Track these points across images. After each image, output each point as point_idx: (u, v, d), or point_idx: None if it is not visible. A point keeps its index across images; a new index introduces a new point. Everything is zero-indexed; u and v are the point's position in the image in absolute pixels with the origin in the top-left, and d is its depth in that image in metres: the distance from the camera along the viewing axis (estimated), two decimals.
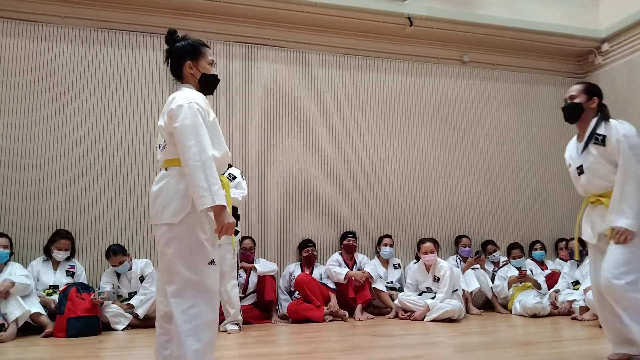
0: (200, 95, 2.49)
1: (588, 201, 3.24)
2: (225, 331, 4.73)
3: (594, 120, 3.17)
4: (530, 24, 7.07)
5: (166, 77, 2.70)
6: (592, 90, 3.26)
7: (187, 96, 2.42)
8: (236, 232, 4.91)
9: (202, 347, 2.30)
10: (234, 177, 5.03)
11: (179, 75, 2.60)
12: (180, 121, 2.33)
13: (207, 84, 2.60)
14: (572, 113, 3.25)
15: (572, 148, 3.36)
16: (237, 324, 4.81)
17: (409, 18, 6.68)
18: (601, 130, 3.10)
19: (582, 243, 6.01)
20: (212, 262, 2.37)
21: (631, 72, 7.08)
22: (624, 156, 2.97)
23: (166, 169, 2.46)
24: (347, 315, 5.50)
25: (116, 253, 5.23)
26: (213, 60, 2.63)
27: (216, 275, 2.42)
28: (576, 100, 3.24)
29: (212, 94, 2.65)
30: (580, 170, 3.22)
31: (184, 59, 2.56)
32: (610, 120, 3.13)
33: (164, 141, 2.48)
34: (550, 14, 7.22)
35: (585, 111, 3.21)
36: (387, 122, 6.90)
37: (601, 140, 3.08)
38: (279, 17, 6.49)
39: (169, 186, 2.39)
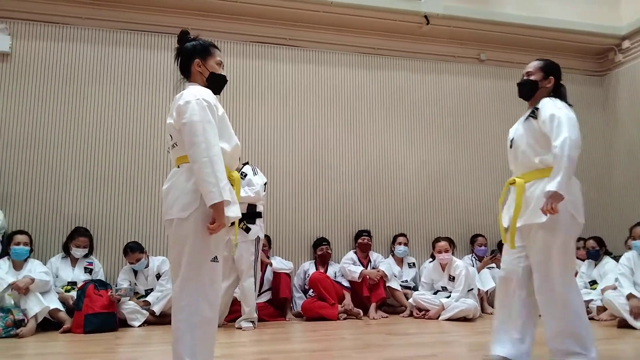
0: (208, 91, 2.51)
1: (508, 183, 3.09)
2: (240, 328, 4.76)
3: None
4: (549, 21, 6.99)
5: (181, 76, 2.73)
6: (550, 69, 3.10)
7: (195, 92, 2.44)
8: (247, 229, 4.90)
9: (197, 344, 2.30)
10: (245, 175, 5.02)
11: (187, 74, 2.64)
12: (188, 117, 2.35)
13: (215, 83, 2.62)
14: (526, 90, 3.10)
15: (515, 125, 3.19)
16: (252, 322, 4.83)
17: (425, 17, 6.65)
18: (539, 105, 2.95)
19: (600, 242, 5.96)
20: (214, 259, 2.38)
21: None
22: (554, 129, 2.82)
23: (178, 167, 2.48)
24: (362, 313, 5.50)
25: (133, 250, 5.29)
26: (221, 62, 2.67)
27: (217, 272, 2.42)
28: (532, 78, 3.09)
29: (219, 94, 2.67)
30: (511, 144, 3.10)
31: (193, 57, 2.59)
32: (551, 97, 2.97)
33: (172, 139, 2.51)
34: (569, 11, 7.12)
35: (540, 89, 3.07)
36: (403, 120, 6.88)
37: (536, 114, 2.94)
38: (296, 17, 6.51)
39: (179, 182, 2.42)
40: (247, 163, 5.23)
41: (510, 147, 3.12)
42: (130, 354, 3.78)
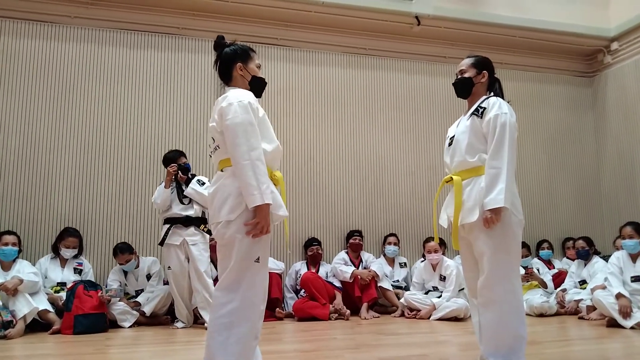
0: (250, 93, 2.54)
1: (444, 181, 3.09)
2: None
3: (484, 96, 3.01)
4: (539, 22, 7.04)
5: (177, 77, 2.72)
6: (482, 64, 3.07)
7: (238, 95, 2.46)
8: (209, 232, 4.92)
9: (233, 344, 2.30)
10: (203, 183, 5.05)
11: (227, 78, 2.64)
12: (230, 119, 2.38)
13: (257, 86, 2.65)
14: (463, 88, 3.07)
15: (455, 123, 3.16)
16: None
17: (416, 17, 6.67)
18: (484, 104, 2.93)
19: (589, 242, 6.00)
20: (257, 260, 2.39)
21: None
22: (497, 133, 2.79)
23: (221, 170, 2.50)
24: (349, 313, 5.48)
25: (123, 251, 5.26)
26: (260, 64, 2.70)
27: (261, 273, 2.43)
28: (466, 75, 3.07)
29: (261, 97, 2.68)
30: (451, 141, 3.07)
31: (235, 61, 2.61)
32: (497, 97, 2.96)
33: (215, 142, 2.54)
34: (559, 12, 7.17)
35: (476, 85, 3.04)
36: (394, 121, 6.90)
37: (480, 113, 2.91)
38: (287, 17, 6.50)
39: (224, 186, 2.43)
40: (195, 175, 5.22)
41: (450, 144, 3.07)
42: (121, 355, 3.75)
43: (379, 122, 6.83)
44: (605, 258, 5.71)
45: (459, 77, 3.10)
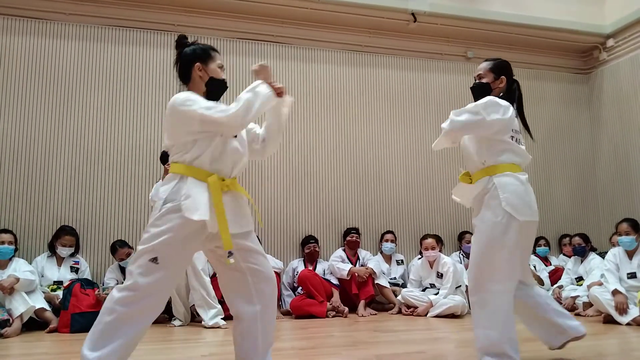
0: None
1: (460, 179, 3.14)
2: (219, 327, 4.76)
3: None
4: (535, 19, 7.04)
5: (172, 74, 2.70)
6: (500, 68, 3.08)
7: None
8: None
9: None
10: None
11: (186, 79, 2.58)
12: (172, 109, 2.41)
13: (214, 88, 2.56)
14: (480, 93, 3.07)
15: None
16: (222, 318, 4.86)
17: (412, 14, 6.67)
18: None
19: (586, 239, 6.02)
20: (153, 260, 2.34)
21: (636, 68, 7.05)
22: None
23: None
24: (347, 311, 5.49)
25: (122, 247, 5.31)
26: (222, 65, 2.61)
27: (155, 276, 2.35)
28: (484, 80, 3.08)
29: (218, 100, 2.58)
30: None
31: (194, 61, 2.54)
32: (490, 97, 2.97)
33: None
34: (555, 9, 7.18)
35: (494, 90, 3.05)
36: (390, 118, 6.89)
37: None
38: (283, 14, 6.49)
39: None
40: None
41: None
42: None
43: (375, 119, 6.83)
44: (602, 255, 5.73)
45: (477, 81, 3.10)
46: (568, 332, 2.97)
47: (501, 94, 3.06)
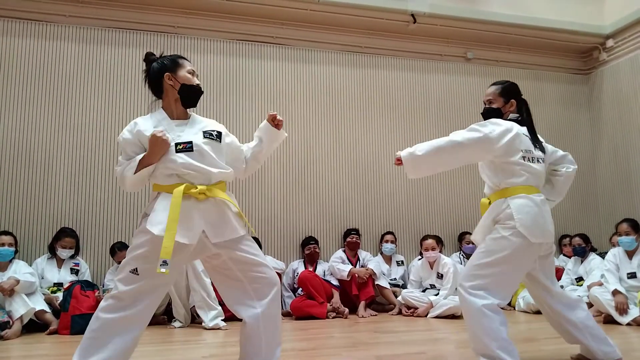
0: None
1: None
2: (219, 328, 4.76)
3: None
4: (534, 20, 7.05)
5: None
6: (509, 92, 3.10)
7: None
8: None
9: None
10: None
11: (159, 92, 2.58)
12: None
13: (188, 95, 2.54)
14: (490, 119, 3.02)
15: None
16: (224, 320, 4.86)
17: (412, 15, 6.67)
18: None
19: (586, 239, 6.02)
20: (133, 271, 2.38)
21: (636, 69, 7.05)
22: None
23: None
24: (347, 312, 5.49)
25: (122, 249, 5.28)
26: (194, 70, 2.59)
27: (137, 286, 2.38)
28: (494, 106, 3.09)
29: (195, 106, 2.59)
30: None
31: (162, 72, 2.53)
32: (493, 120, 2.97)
33: None
34: (554, 10, 7.18)
35: (505, 115, 3.06)
36: (390, 119, 6.90)
37: None
38: (283, 15, 6.49)
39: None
40: None
41: None
42: None
43: (375, 120, 6.83)
44: (602, 255, 5.73)
45: (487, 107, 3.10)
46: (599, 356, 2.97)
47: (518, 118, 3.07)
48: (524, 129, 2.99)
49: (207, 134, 2.51)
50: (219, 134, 2.56)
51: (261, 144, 2.75)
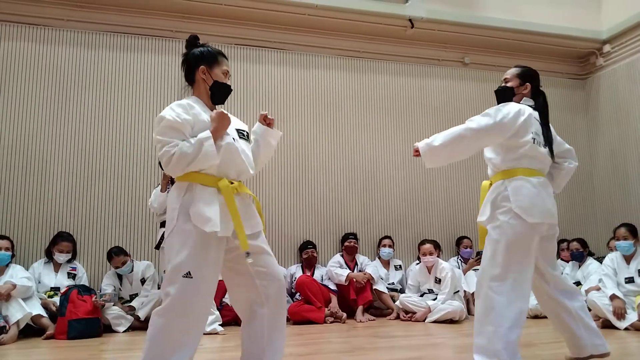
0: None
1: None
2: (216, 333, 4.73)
3: None
4: (532, 25, 7.07)
5: (170, 80, 2.70)
6: (526, 75, 3.14)
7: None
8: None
9: None
10: None
11: (191, 80, 2.56)
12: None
13: (218, 92, 2.52)
14: (503, 97, 3.11)
15: None
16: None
17: (410, 20, 6.69)
18: None
19: (583, 244, 6.02)
20: (187, 275, 2.32)
21: (633, 74, 7.07)
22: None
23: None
24: (345, 316, 5.49)
25: (118, 254, 5.25)
26: (228, 71, 2.58)
27: (193, 289, 2.33)
28: (509, 84, 3.15)
29: (223, 104, 2.60)
30: None
31: (199, 64, 2.50)
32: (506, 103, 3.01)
33: None
34: (552, 15, 7.21)
35: (517, 96, 3.10)
36: (388, 123, 6.90)
37: None
38: (281, 20, 6.51)
39: (169, 198, 2.46)
40: None
41: None
42: None
43: (373, 125, 6.84)
44: (600, 259, 5.73)
45: (502, 85, 3.16)
46: (589, 349, 2.96)
47: (533, 105, 3.08)
48: (535, 113, 3.02)
49: (240, 133, 2.54)
50: (248, 134, 2.62)
51: (258, 145, 2.74)
